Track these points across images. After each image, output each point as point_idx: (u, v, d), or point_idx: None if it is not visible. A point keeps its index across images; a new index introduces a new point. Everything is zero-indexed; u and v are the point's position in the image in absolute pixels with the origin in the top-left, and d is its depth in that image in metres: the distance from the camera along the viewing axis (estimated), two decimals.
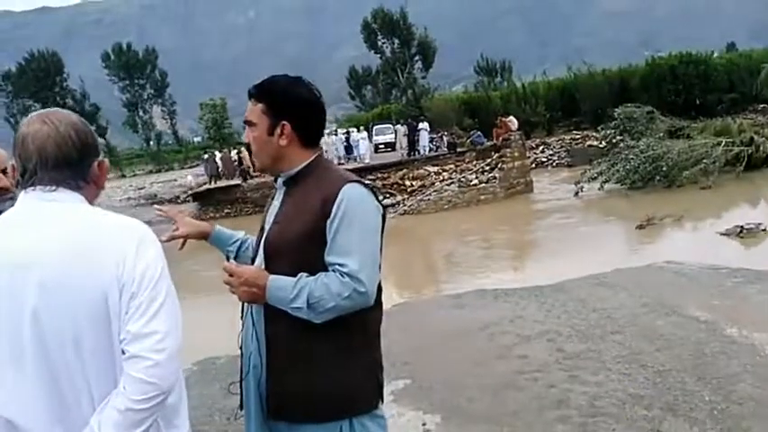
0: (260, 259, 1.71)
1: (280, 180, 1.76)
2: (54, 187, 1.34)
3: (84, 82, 68.46)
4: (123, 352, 1.25)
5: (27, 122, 1.37)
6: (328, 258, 1.56)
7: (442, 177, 21.37)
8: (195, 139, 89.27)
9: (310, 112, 1.69)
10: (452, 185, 20.26)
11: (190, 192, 29.59)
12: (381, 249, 1.68)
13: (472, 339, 5.02)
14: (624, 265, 7.95)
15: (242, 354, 1.73)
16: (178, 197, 31.43)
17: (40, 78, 65.49)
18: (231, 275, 1.64)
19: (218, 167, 28.46)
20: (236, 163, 27.84)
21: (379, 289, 1.67)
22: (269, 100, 1.67)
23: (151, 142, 71.38)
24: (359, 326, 1.64)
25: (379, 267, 1.63)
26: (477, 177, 20.48)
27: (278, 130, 1.65)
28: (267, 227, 1.75)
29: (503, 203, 18.49)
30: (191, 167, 51.97)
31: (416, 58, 54.39)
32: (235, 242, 2.00)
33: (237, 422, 1.70)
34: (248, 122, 1.71)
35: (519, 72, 56.10)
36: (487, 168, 20.87)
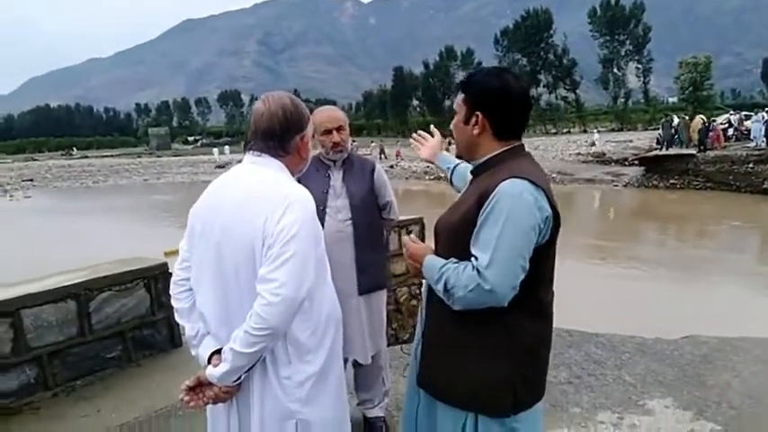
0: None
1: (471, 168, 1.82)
2: (260, 153, 1.71)
3: (567, 38, 71.96)
4: None
5: (257, 102, 1.77)
6: (471, 249, 1.57)
7: None
8: (670, 100, 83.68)
9: (506, 104, 1.68)
10: None
11: (638, 155, 28.27)
12: (549, 257, 1.63)
13: None
14: None
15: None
16: (626, 159, 30.51)
17: (531, 35, 72.11)
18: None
19: (673, 133, 26.16)
20: (697, 131, 24.93)
21: (543, 303, 1.65)
22: (468, 91, 1.74)
23: (619, 100, 70.44)
24: (504, 332, 1.62)
25: (529, 270, 1.54)
26: None
27: (473, 120, 1.70)
28: None
29: None
30: (654, 129, 49.26)
31: None
32: (448, 167, 2.31)
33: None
34: (454, 110, 1.81)
35: None
36: None
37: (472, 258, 1.54)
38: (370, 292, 2.86)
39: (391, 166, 34.84)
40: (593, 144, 38.67)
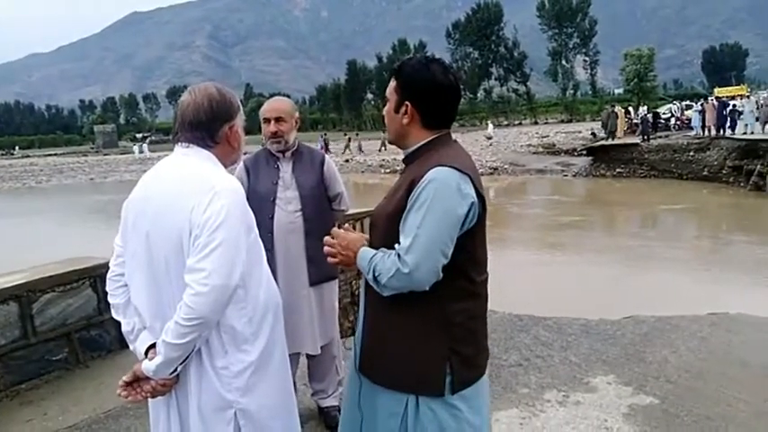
0: None
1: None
2: (188, 144, 1.70)
3: (517, 31, 73.17)
4: None
5: (184, 93, 1.75)
6: (400, 236, 1.59)
7: None
8: (617, 91, 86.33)
9: (436, 95, 1.71)
10: None
11: (585, 145, 29.11)
12: (478, 239, 1.66)
13: None
14: None
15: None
16: (575, 149, 31.40)
17: (482, 28, 73.05)
18: (334, 239, 1.79)
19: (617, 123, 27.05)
20: (640, 121, 25.88)
21: (475, 283, 1.68)
22: (400, 79, 1.75)
23: (568, 92, 72.22)
24: (437, 312, 1.65)
25: (451, 256, 1.56)
26: None
27: (402, 109, 1.71)
28: None
29: None
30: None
31: None
32: None
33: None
34: (385, 97, 1.81)
35: None
36: None
37: (396, 245, 1.57)
38: (321, 283, 2.88)
39: (347, 161, 34.75)
40: (489, 137, 38.01)
